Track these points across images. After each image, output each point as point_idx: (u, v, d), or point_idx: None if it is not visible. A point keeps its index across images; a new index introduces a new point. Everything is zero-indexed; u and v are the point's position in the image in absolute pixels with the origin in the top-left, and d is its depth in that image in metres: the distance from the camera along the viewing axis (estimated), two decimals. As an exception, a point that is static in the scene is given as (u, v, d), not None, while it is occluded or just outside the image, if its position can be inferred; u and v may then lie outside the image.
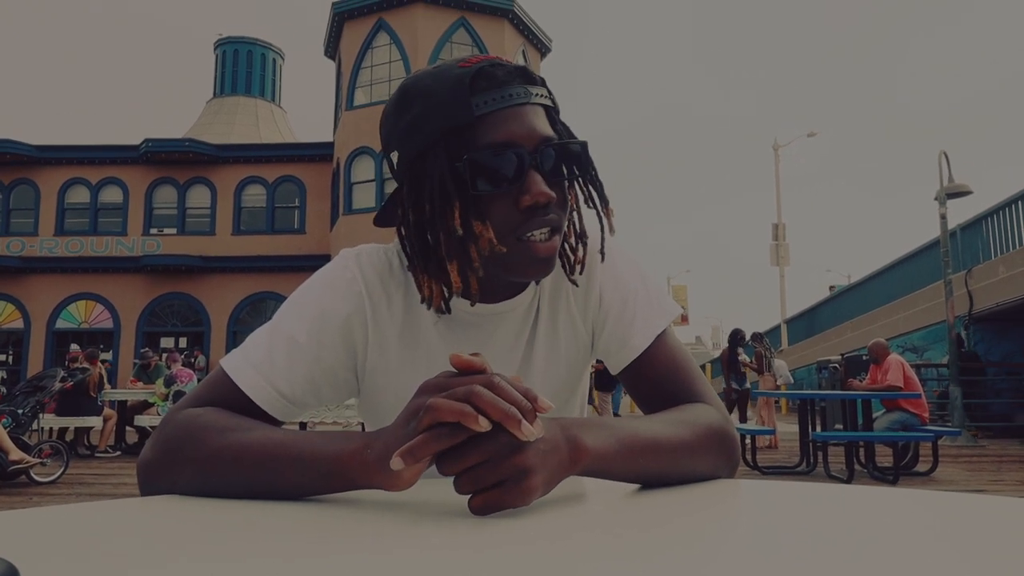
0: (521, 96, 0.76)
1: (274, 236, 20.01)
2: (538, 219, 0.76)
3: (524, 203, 0.75)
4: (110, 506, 0.63)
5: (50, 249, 19.75)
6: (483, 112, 0.74)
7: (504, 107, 0.75)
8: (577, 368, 0.95)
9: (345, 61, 19.22)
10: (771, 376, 9.79)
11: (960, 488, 5.81)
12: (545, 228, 0.76)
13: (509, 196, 0.75)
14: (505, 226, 0.76)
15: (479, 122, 0.75)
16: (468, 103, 0.74)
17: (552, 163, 0.77)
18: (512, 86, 0.76)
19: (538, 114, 0.78)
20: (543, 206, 0.75)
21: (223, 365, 0.81)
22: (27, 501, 5.32)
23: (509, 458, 0.55)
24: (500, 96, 0.75)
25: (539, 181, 0.75)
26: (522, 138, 0.75)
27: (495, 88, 0.75)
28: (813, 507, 0.64)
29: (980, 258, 11.95)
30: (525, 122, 0.76)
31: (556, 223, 0.78)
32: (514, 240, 0.76)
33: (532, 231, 0.76)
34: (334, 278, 0.86)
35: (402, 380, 0.87)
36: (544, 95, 0.79)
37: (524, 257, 0.77)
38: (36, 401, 6.73)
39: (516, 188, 0.75)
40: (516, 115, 0.76)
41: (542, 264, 0.77)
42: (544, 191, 0.74)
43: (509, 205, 0.76)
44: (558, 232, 0.79)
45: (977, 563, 0.44)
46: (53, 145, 20.19)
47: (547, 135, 0.77)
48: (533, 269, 0.78)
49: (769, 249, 23.17)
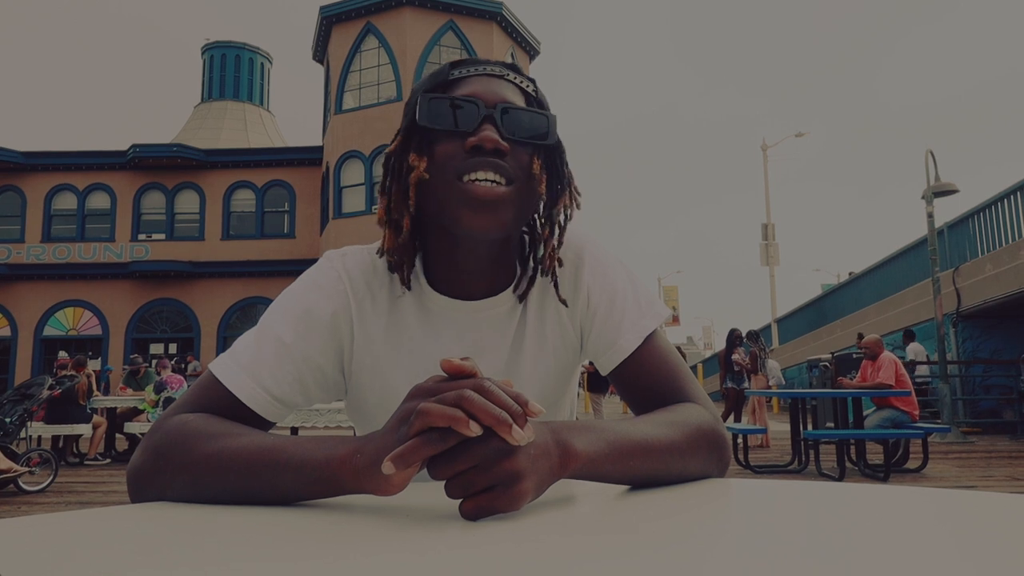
0: (496, 70, 0.84)
1: (263, 241, 19.94)
2: (482, 159, 0.76)
3: (469, 143, 0.76)
4: (100, 514, 0.62)
5: (37, 256, 19.60)
6: (457, 77, 0.82)
7: (477, 74, 0.83)
8: (566, 370, 0.95)
9: (333, 65, 19.18)
10: (764, 376, 9.83)
11: (950, 484, 5.85)
12: (489, 171, 0.76)
13: (459, 138, 0.78)
14: (448, 165, 0.78)
15: (452, 83, 0.82)
16: (448, 71, 0.83)
17: (511, 122, 0.79)
18: (491, 64, 0.84)
19: (510, 88, 0.83)
20: (490, 150, 0.76)
21: (212, 369, 0.81)
22: (16, 510, 5.27)
23: (500, 463, 0.55)
24: (476, 68, 0.83)
25: (490, 128, 0.77)
26: (484, 95, 0.80)
27: (476, 64, 0.84)
28: (804, 505, 0.65)
29: (967, 256, 12.04)
30: (492, 86, 0.81)
31: (506, 172, 0.78)
32: (455, 180, 0.77)
33: (475, 171, 0.76)
34: (319, 278, 0.87)
35: (387, 378, 0.88)
36: (526, 83, 0.85)
37: (462, 198, 0.76)
38: (24, 409, 6.66)
39: (466, 133, 0.78)
40: (486, 80, 0.82)
41: (482, 207, 0.76)
42: (492, 136, 0.76)
43: (458, 147, 0.78)
44: (510, 184, 0.78)
45: (968, 559, 0.45)
46: (39, 151, 20.05)
47: (510, 100, 0.81)
48: (472, 213, 0.76)
49: (759, 249, 23.27)
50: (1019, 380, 10.40)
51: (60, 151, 20.18)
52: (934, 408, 11.27)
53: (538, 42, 20.63)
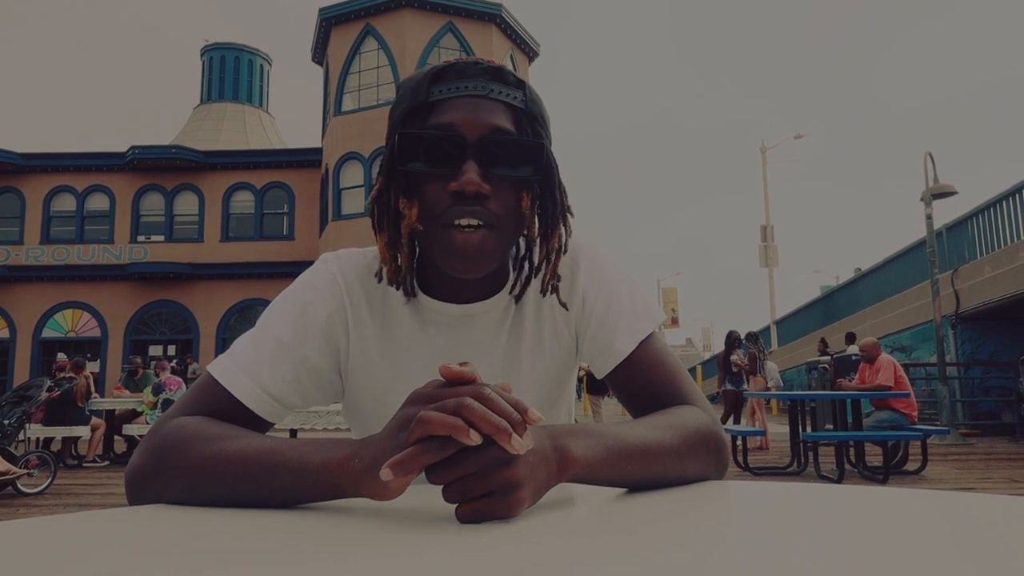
0: (479, 89, 0.77)
1: (262, 242, 19.93)
2: (463, 207, 0.75)
3: (451, 188, 0.75)
4: (98, 516, 0.62)
5: (36, 258, 19.58)
6: (437, 98, 0.77)
7: (458, 96, 0.76)
8: (563, 373, 0.95)
9: (333, 67, 19.19)
10: (762, 377, 9.83)
11: (949, 486, 5.85)
12: (472, 219, 0.75)
13: (442, 180, 0.76)
14: (433, 208, 0.76)
15: (434, 107, 0.77)
16: (427, 88, 0.77)
17: (495, 157, 0.76)
18: (474, 79, 0.78)
19: (496, 109, 0.77)
20: (473, 196, 0.74)
21: (210, 370, 0.81)
22: (14, 512, 5.26)
23: (499, 471, 0.55)
24: (457, 86, 0.77)
25: (471, 170, 0.74)
26: (464, 125, 0.75)
27: (457, 79, 0.77)
28: (803, 507, 0.64)
29: (966, 258, 12.05)
30: (474, 112, 0.76)
31: (488, 217, 0.76)
32: (438, 226, 0.76)
33: (457, 219, 0.75)
34: (315, 280, 0.88)
35: (382, 381, 0.88)
36: (514, 96, 0.79)
37: (444, 246, 0.76)
38: (22, 411, 6.66)
39: (450, 173, 0.75)
40: (468, 104, 0.76)
41: (463, 256, 0.76)
42: (473, 180, 0.74)
43: (441, 189, 0.76)
44: (491, 228, 0.77)
45: (968, 561, 0.44)
46: (38, 153, 20.04)
47: (497, 128, 0.76)
48: (454, 261, 0.77)
49: (758, 250, 23.27)
50: (1018, 382, 10.40)
51: (59, 152, 20.18)
52: (933, 410, 11.28)
53: (537, 44, 20.65)
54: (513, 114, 0.79)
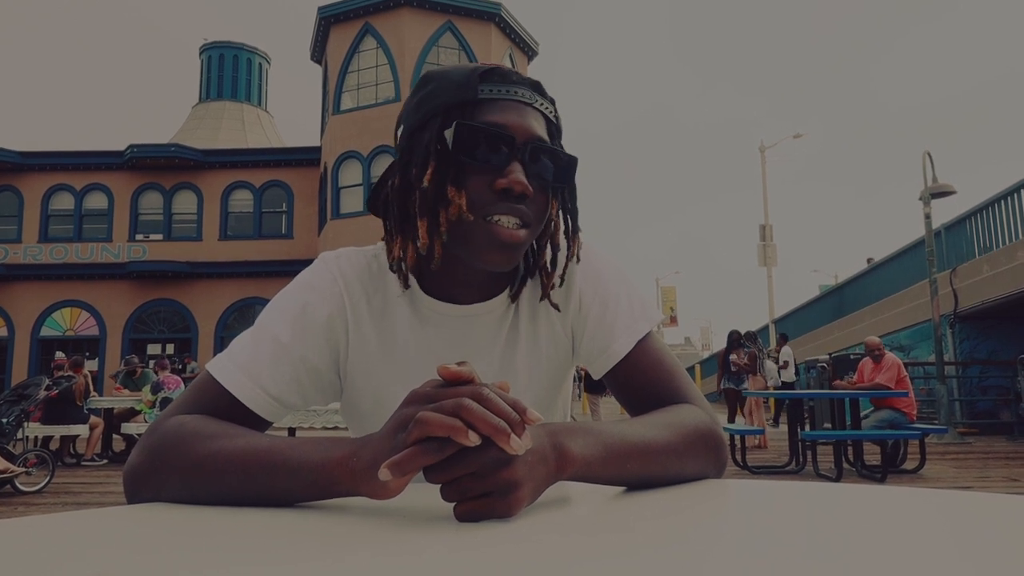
0: (526, 96, 0.80)
1: (261, 241, 19.91)
2: (509, 204, 0.77)
3: (499, 185, 0.76)
4: (97, 515, 0.62)
5: (34, 256, 19.56)
6: (487, 97, 0.78)
7: (507, 99, 0.79)
8: (559, 373, 0.96)
9: (332, 65, 19.17)
10: (761, 377, 9.84)
11: (948, 485, 5.86)
12: (514, 216, 0.78)
13: (488, 174, 0.77)
14: (477, 201, 0.77)
15: (481, 104, 0.79)
16: (476, 86, 0.78)
17: (538, 163, 0.79)
18: (521, 86, 0.81)
19: (538, 119, 0.81)
20: (517, 195, 0.77)
21: (209, 369, 0.81)
22: (12, 511, 5.26)
23: (497, 471, 0.55)
24: (506, 89, 0.79)
25: (519, 170, 0.77)
26: (515, 128, 0.78)
27: (504, 82, 0.80)
28: (802, 506, 0.65)
29: (965, 257, 12.06)
30: (523, 118, 0.79)
31: (527, 217, 0.79)
32: (481, 218, 0.77)
33: (500, 215, 0.77)
34: (314, 279, 0.88)
35: (381, 381, 0.89)
36: (550, 110, 0.83)
37: (487, 238, 0.78)
38: (21, 410, 6.65)
39: (496, 169, 0.77)
40: (516, 108, 0.79)
41: (502, 249, 0.78)
42: (521, 180, 0.76)
43: (486, 183, 0.77)
44: (527, 227, 0.80)
45: (965, 560, 0.45)
46: (37, 151, 20.01)
47: (541, 137, 0.80)
48: (493, 253, 0.78)
49: (757, 250, 23.28)
50: (1016, 381, 10.41)
51: (57, 151, 20.14)
52: (932, 409, 11.29)
53: (536, 43, 20.62)
54: (548, 126, 0.83)
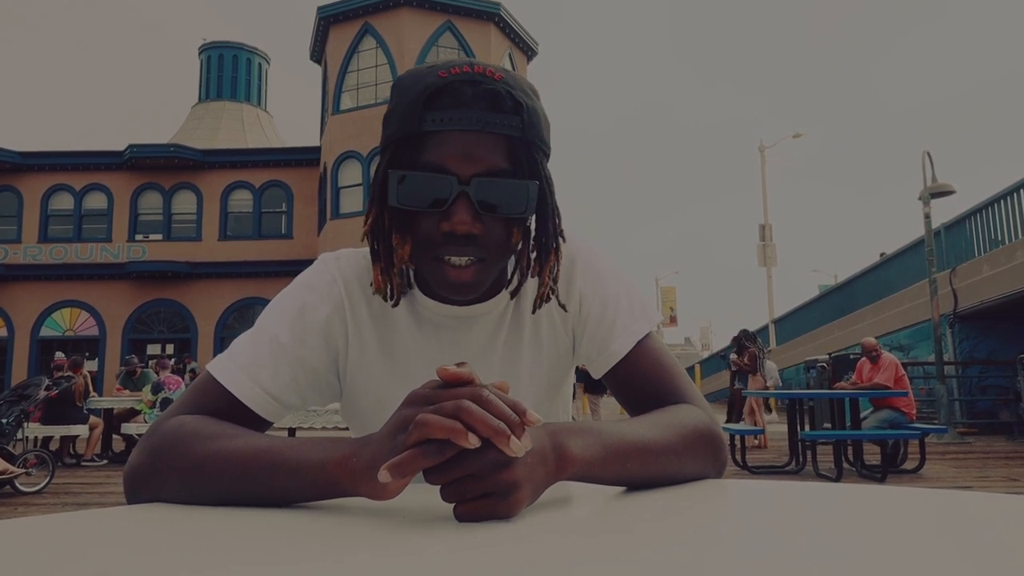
0: (474, 122, 0.73)
1: (261, 241, 19.90)
2: (456, 247, 0.76)
3: (443, 228, 0.75)
4: (97, 515, 0.62)
5: (34, 256, 19.55)
6: (430, 129, 0.73)
7: (452, 129, 0.73)
8: (560, 373, 0.96)
9: (331, 65, 19.16)
10: (761, 377, 9.84)
11: (947, 485, 5.86)
12: (463, 256, 0.76)
13: (434, 216, 0.76)
14: (426, 243, 0.77)
15: (428, 137, 0.74)
16: (420, 117, 0.73)
17: (487, 197, 0.75)
18: (471, 109, 0.73)
19: (491, 144, 0.74)
20: (463, 235, 0.75)
21: (209, 369, 0.82)
22: (12, 511, 5.26)
23: (497, 473, 0.55)
24: (453, 117, 0.73)
25: (463, 210, 0.74)
26: (458, 164, 0.73)
27: (453, 107, 0.73)
28: (802, 506, 0.65)
29: (964, 257, 12.07)
30: (469, 149, 0.73)
31: (481, 256, 0.77)
32: (431, 258, 0.77)
33: (448, 255, 0.76)
34: (314, 280, 0.88)
35: (381, 382, 0.89)
36: (513, 124, 0.74)
37: (438, 277, 0.78)
38: (20, 410, 6.65)
39: (440, 212, 0.75)
40: (462, 140, 0.73)
41: (453, 289, 0.78)
42: (464, 221, 0.74)
43: (433, 224, 0.76)
44: (484, 264, 0.78)
45: (965, 560, 0.45)
46: (36, 151, 20.00)
47: (488, 168, 0.74)
48: (447, 290, 0.79)
49: (756, 249, 23.28)
50: (1016, 381, 10.42)
51: (57, 151, 20.13)
52: (931, 409, 11.29)
53: (536, 43, 20.62)
54: (509, 146, 0.75)
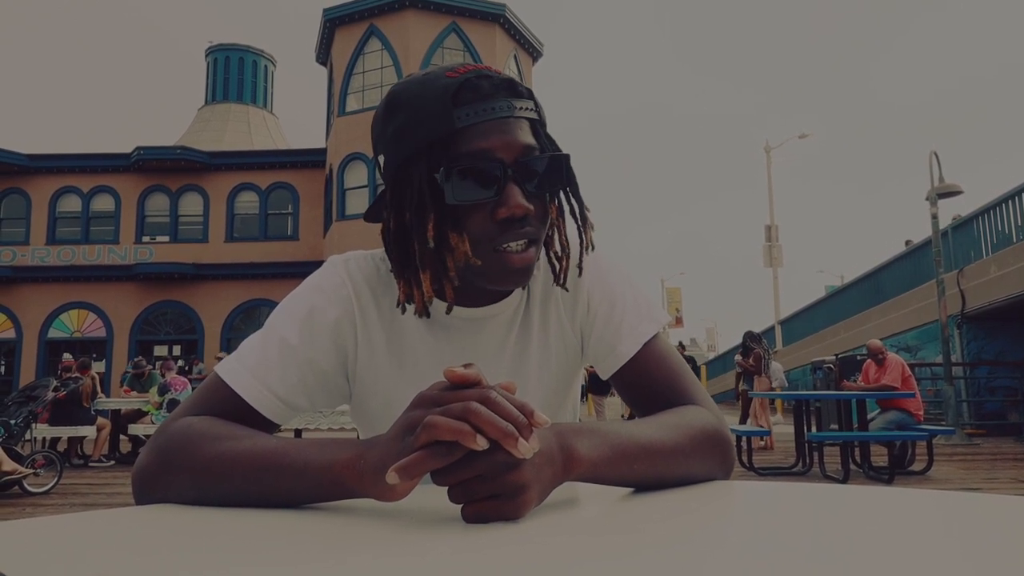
0: (504, 109, 0.76)
1: (267, 243, 19.96)
2: (514, 231, 0.76)
3: (500, 215, 0.75)
4: (104, 516, 0.62)
5: (42, 258, 19.65)
6: (464, 124, 0.74)
7: (486, 120, 0.75)
8: (569, 374, 0.96)
9: (337, 67, 19.21)
10: (767, 378, 9.81)
11: (955, 487, 5.83)
12: (522, 240, 0.77)
13: (487, 207, 0.76)
14: (482, 237, 0.77)
15: (460, 134, 0.75)
16: (450, 115, 0.74)
17: (532, 176, 0.77)
18: (496, 99, 0.76)
19: (521, 127, 0.77)
20: (520, 218, 0.76)
21: (218, 371, 0.82)
22: (20, 512, 5.28)
23: (504, 474, 0.55)
24: (483, 108, 0.75)
25: (516, 194, 0.75)
26: (501, 150, 0.75)
27: (479, 100, 0.75)
28: (809, 508, 0.64)
29: (971, 257, 12.01)
30: (506, 134, 0.76)
31: (533, 235, 0.78)
32: (490, 251, 0.77)
33: (508, 243, 0.77)
34: (323, 283, 0.88)
35: (390, 384, 0.89)
36: (530, 108, 0.79)
37: (500, 268, 0.78)
38: (29, 411, 6.69)
39: (493, 200, 0.75)
40: (498, 127, 0.75)
41: (517, 275, 0.78)
42: (521, 203, 0.75)
43: (486, 216, 0.76)
44: (536, 244, 0.79)
45: (974, 561, 0.44)
46: (44, 154, 20.11)
47: (528, 148, 0.77)
48: (509, 279, 0.79)
49: (762, 250, 23.22)
50: (1024, 382, 10.37)
51: (64, 153, 20.24)
52: (939, 410, 11.24)
53: (541, 44, 20.63)
54: (532, 127, 0.79)
